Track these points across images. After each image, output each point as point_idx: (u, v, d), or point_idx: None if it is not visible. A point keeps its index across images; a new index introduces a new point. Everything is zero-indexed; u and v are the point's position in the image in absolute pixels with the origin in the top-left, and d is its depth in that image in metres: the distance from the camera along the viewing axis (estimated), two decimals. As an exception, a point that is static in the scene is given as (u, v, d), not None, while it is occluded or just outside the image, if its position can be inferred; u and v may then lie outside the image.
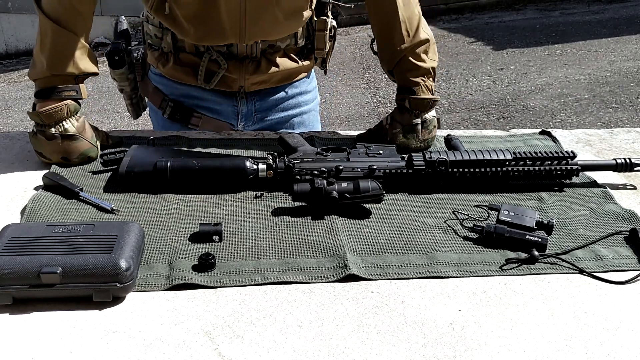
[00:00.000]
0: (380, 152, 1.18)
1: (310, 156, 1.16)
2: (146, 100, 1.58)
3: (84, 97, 1.23)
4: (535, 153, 1.16)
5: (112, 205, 1.06)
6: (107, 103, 5.13)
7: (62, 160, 1.20)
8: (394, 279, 0.89)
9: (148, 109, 1.61)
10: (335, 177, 1.11)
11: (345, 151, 1.19)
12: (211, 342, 0.76)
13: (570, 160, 1.16)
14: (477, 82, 5.25)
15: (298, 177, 1.11)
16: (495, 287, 0.89)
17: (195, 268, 0.90)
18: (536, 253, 0.93)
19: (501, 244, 0.97)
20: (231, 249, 0.95)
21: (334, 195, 1.04)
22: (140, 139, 1.31)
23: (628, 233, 1.01)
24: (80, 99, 1.23)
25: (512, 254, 0.95)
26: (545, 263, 0.94)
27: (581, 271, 0.92)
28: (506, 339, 0.78)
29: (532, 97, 4.83)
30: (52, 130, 1.19)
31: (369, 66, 5.61)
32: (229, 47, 1.35)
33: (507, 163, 1.15)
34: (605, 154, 1.36)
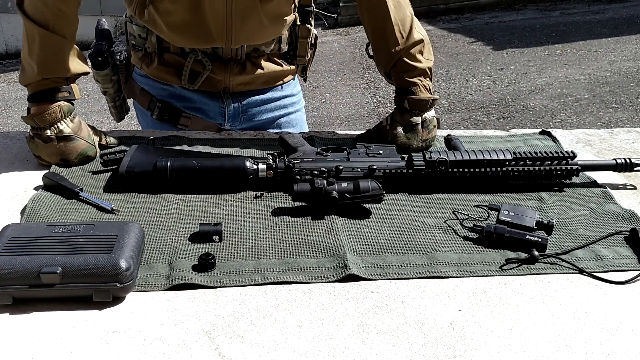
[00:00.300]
0: (380, 152, 1.18)
1: (310, 156, 1.16)
2: (132, 102, 1.56)
3: (77, 98, 1.23)
4: (535, 153, 1.16)
5: (112, 205, 1.06)
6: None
7: (61, 162, 1.20)
8: (394, 279, 0.89)
9: (134, 111, 1.59)
10: (335, 177, 1.11)
11: (345, 151, 1.19)
12: (211, 342, 0.76)
13: (570, 160, 1.16)
14: (477, 82, 5.25)
15: (298, 177, 1.11)
16: (495, 287, 0.89)
17: (195, 268, 0.90)
18: (536, 253, 0.93)
19: (501, 244, 0.97)
20: (231, 249, 0.95)
21: (334, 195, 1.04)
22: (140, 139, 1.31)
23: (628, 233, 1.01)
24: (73, 100, 1.22)
25: (512, 254, 0.95)
26: (545, 263, 0.94)
27: (581, 271, 0.92)
28: (506, 339, 0.78)
29: (532, 97, 4.83)
30: (48, 132, 1.18)
31: (369, 66, 5.61)
32: (214, 48, 1.36)
33: (507, 163, 1.15)
34: (605, 154, 1.36)
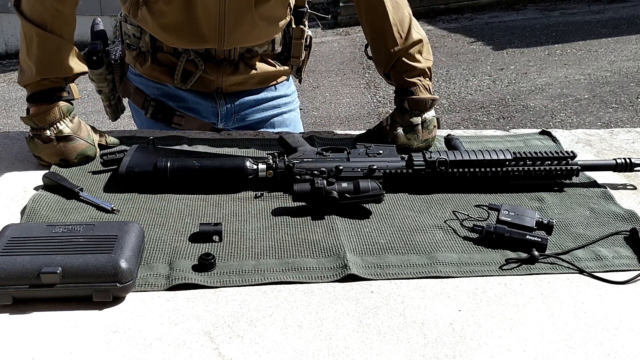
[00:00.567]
0: (380, 152, 1.18)
1: (310, 156, 1.16)
2: (127, 101, 1.56)
3: (76, 98, 1.22)
4: (535, 153, 1.16)
5: (112, 205, 1.06)
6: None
7: (61, 162, 1.20)
8: (394, 279, 0.89)
9: (129, 111, 1.59)
10: (335, 177, 1.11)
11: (345, 151, 1.19)
12: (211, 342, 0.76)
13: (570, 160, 1.16)
14: (477, 82, 5.25)
15: (298, 177, 1.11)
16: (495, 287, 0.89)
17: (195, 268, 0.90)
18: (536, 253, 0.93)
19: (501, 244, 0.97)
20: (231, 249, 0.95)
21: (334, 195, 1.04)
22: (140, 138, 1.32)
23: (628, 233, 1.01)
24: (72, 100, 1.22)
25: (512, 254, 0.95)
26: (545, 263, 0.94)
27: (581, 271, 0.92)
28: (506, 339, 0.78)
29: (532, 97, 4.83)
30: (47, 132, 1.18)
31: (368, 66, 5.61)
32: (207, 49, 1.36)
33: (507, 163, 1.15)
34: (605, 154, 1.36)
